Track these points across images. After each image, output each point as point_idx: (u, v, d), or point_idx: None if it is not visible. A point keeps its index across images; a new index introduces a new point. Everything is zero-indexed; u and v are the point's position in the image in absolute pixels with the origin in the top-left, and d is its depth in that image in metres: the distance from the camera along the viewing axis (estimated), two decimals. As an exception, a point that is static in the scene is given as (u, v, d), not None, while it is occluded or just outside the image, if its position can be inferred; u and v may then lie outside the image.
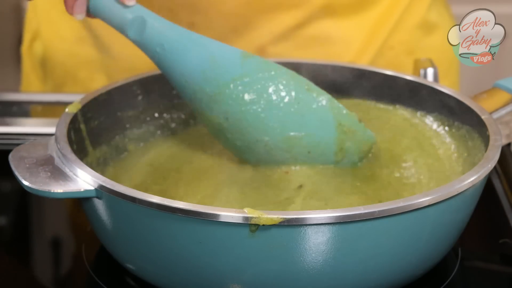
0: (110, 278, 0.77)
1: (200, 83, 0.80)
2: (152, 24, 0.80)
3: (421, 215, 0.69)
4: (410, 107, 0.89)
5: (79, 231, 0.87)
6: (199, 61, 0.80)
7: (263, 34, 1.05)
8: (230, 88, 0.80)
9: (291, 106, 0.81)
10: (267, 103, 0.80)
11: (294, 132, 0.81)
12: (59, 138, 0.76)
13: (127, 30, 0.79)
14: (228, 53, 0.81)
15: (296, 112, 0.81)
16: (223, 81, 0.80)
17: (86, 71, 1.10)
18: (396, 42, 1.09)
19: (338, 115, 0.82)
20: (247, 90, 0.80)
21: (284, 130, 0.81)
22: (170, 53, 0.80)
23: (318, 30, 1.06)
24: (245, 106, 0.80)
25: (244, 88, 0.80)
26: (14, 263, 0.81)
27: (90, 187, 0.71)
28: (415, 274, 0.73)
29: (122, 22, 0.79)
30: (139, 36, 0.79)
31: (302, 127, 0.81)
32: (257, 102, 0.80)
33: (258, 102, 0.80)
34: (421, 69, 0.98)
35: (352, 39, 1.07)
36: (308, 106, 0.81)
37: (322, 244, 0.67)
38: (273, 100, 0.80)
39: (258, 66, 0.81)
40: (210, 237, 0.67)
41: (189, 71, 0.80)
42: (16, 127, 0.99)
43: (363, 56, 1.08)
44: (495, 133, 0.78)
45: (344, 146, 0.82)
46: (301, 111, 0.81)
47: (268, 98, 0.80)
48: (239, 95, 0.80)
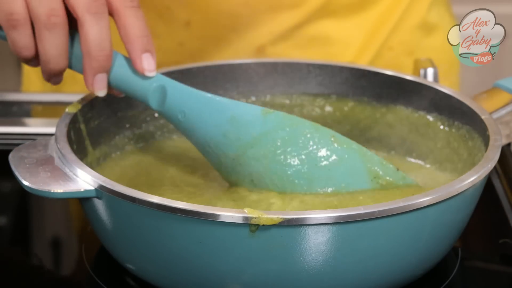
0: (110, 278, 0.77)
1: (222, 147, 0.78)
2: (173, 92, 0.77)
3: (421, 215, 0.69)
4: (410, 107, 0.89)
5: (79, 231, 0.87)
6: (220, 123, 0.78)
7: (262, 34, 1.05)
8: (252, 147, 0.78)
9: (317, 160, 0.77)
10: (291, 159, 0.77)
11: (321, 189, 0.77)
12: (59, 138, 0.76)
13: (149, 101, 0.77)
14: (248, 111, 0.79)
15: (323, 166, 0.77)
16: (245, 141, 0.78)
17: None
18: (396, 42, 1.08)
19: (371, 166, 0.78)
20: (269, 148, 0.77)
21: (311, 186, 0.77)
22: (192, 119, 0.78)
23: (318, 30, 1.06)
24: (269, 164, 0.77)
25: (267, 146, 0.77)
26: (14, 263, 0.81)
27: (90, 187, 0.71)
28: (415, 274, 0.73)
29: (144, 93, 0.76)
30: (161, 106, 0.77)
31: (329, 182, 0.77)
32: (281, 160, 0.77)
33: (283, 159, 0.77)
34: (421, 69, 0.98)
35: (352, 40, 1.07)
36: (335, 159, 0.77)
37: (322, 244, 0.67)
38: (297, 155, 0.77)
39: (280, 121, 0.78)
40: (210, 237, 0.67)
41: (211, 136, 0.78)
42: (16, 127, 0.99)
43: (363, 56, 1.08)
44: (495, 133, 0.78)
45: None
46: (328, 165, 0.77)
47: (292, 154, 0.77)
48: (261, 153, 0.77)
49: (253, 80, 0.93)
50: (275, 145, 0.77)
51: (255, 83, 0.93)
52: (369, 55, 1.08)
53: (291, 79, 0.93)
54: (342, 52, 1.07)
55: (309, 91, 0.93)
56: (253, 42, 1.05)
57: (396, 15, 1.08)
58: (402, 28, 1.08)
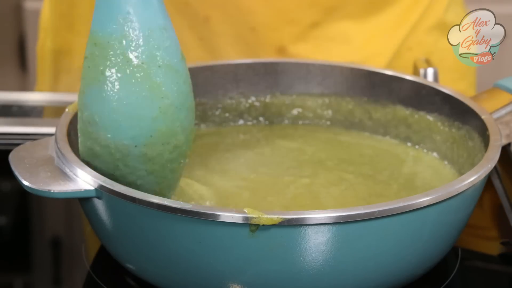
0: (110, 278, 0.77)
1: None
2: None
3: (421, 215, 0.69)
4: (410, 107, 0.89)
5: (79, 231, 0.87)
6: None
7: (281, 34, 1.05)
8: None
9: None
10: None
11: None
12: (59, 138, 0.76)
13: None
14: None
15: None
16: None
17: None
18: (414, 43, 1.08)
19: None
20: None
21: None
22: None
23: (337, 31, 1.06)
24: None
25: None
26: (14, 263, 0.81)
27: (90, 187, 0.71)
28: (415, 274, 0.73)
29: None
30: None
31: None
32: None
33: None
34: (421, 69, 0.98)
35: (371, 40, 1.07)
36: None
37: (322, 244, 0.67)
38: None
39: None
40: (210, 237, 0.67)
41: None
42: (16, 127, 0.99)
43: (382, 57, 1.07)
44: (495, 133, 0.78)
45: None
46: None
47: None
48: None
49: (253, 80, 0.93)
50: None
51: (255, 83, 0.93)
52: (388, 56, 1.08)
53: (291, 79, 0.93)
54: (361, 53, 1.07)
55: (309, 91, 0.93)
56: (273, 42, 1.05)
57: (415, 16, 1.07)
58: (421, 28, 1.08)
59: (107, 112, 0.72)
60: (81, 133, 0.74)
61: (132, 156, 0.73)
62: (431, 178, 0.84)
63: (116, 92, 0.71)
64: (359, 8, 1.06)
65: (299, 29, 1.05)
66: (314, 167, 0.86)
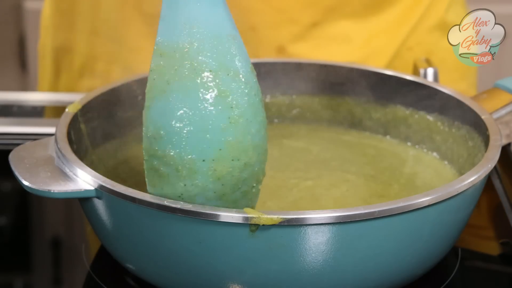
0: (110, 278, 0.77)
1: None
2: None
3: (421, 215, 0.69)
4: (410, 107, 0.89)
5: (79, 231, 0.87)
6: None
7: (281, 33, 1.05)
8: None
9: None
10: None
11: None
12: (59, 138, 0.76)
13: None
14: None
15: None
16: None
17: (103, 63, 1.10)
18: (415, 43, 1.08)
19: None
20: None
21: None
22: None
23: (337, 30, 1.06)
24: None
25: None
26: (14, 263, 0.81)
27: (90, 187, 0.71)
28: (415, 274, 0.73)
29: None
30: None
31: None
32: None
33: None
34: (421, 69, 0.98)
35: (371, 40, 1.07)
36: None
37: (322, 244, 0.67)
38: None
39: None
40: (210, 237, 0.67)
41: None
42: (16, 127, 0.99)
43: (381, 56, 1.07)
44: (495, 133, 0.78)
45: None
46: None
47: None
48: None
49: (253, 80, 0.92)
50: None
51: (255, 83, 0.93)
52: (388, 56, 1.08)
53: (291, 79, 0.93)
54: (361, 52, 1.07)
55: (309, 91, 0.93)
56: (272, 42, 1.05)
57: (416, 16, 1.07)
58: (421, 28, 1.08)
59: (173, 124, 0.67)
60: (146, 154, 0.69)
61: (200, 172, 0.67)
62: (431, 178, 0.84)
63: (183, 101, 0.67)
64: (359, 8, 1.06)
65: (299, 28, 1.05)
66: (319, 168, 0.86)
